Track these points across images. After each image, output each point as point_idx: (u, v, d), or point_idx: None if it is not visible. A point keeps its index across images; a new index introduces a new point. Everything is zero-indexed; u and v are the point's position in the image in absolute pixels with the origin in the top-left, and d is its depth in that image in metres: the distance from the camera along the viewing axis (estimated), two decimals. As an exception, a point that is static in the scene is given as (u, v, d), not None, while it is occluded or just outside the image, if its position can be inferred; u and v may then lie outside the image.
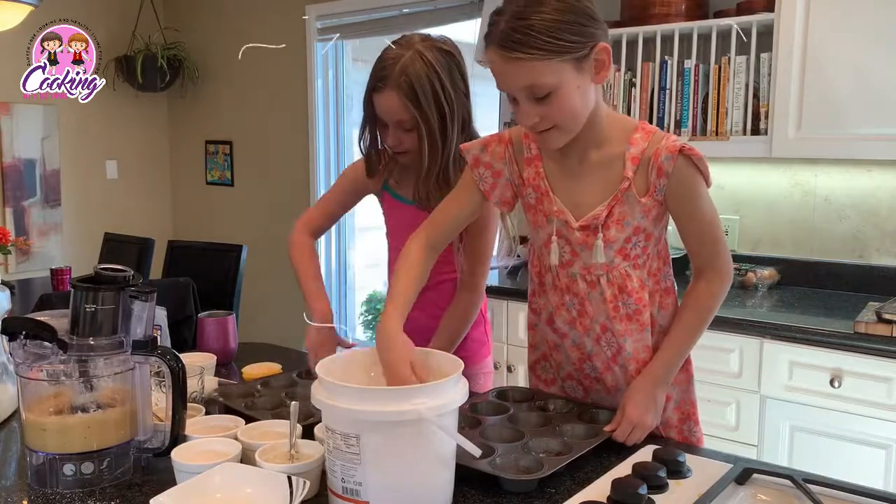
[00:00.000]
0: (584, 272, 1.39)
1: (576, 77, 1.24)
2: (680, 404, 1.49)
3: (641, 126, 1.36)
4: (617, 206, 1.34)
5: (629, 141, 1.33)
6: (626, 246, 1.36)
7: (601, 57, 1.25)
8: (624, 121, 1.40)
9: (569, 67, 1.22)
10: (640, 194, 1.33)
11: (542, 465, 1.18)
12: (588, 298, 1.40)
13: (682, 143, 1.32)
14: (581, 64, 1.24)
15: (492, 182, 1.45)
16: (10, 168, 4.55)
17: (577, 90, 1.25)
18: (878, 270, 2.63)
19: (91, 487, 1.17)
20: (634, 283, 1.38)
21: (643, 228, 1.36)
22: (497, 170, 1.44)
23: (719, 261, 1.40)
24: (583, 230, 1.37)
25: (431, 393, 1.05)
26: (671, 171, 1.30)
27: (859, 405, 2.13)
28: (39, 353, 1.18)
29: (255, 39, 4.66)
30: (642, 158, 1.32)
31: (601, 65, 1.26)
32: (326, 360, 1.18)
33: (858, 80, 2.34)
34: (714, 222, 1.38)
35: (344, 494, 1.06)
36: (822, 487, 1.10)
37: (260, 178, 4.80)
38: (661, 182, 1.31)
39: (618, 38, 2.82)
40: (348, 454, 1.04)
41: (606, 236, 1.35)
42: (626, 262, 1.37)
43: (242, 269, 3.72)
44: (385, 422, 1.02)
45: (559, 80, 1.22)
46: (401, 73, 1.52)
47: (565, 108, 1.26)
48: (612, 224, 1.35)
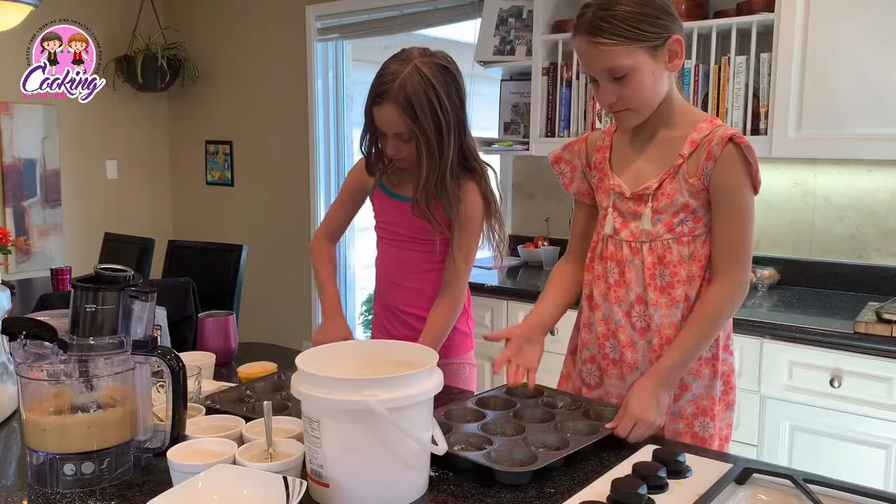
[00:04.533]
0: (630, 238, 1.50)
1: (650, 63, 1.39)
2: (698, 398, 1.50)
3: (711, 119, 1.47)
4: (668, 182, 1.45)
5: (695, 128, 1.45)
6: (674, 220, 1.46)
7: (674, 47, 1.41)
8: (696, 111, 1.52)
9: (644, 54, 1.39)
10: (690, 175, 1.43)
11: (536, 459, 1.19)
12: (629, 264, 1.49)
13: (736, 132, 1.41)
14: (655, 52, 1.40)
15: (570, 175, 1.63)
16: (10, 168, 4.55)
17: (651, 74, 1.40)
18: (878, 270, 2.63)
19: (91, 487, 1.17)
20: (674, 256, 1.46)
21: (692, 209, 1.44)
22: (574, 165, 1.62)
23: (738, 270, 1.44)
24: (634, 199, 1.49)
25: (384, 386, 1.07)
26: (719, 154, 1.39)
27: (859, 405, 2.13)
28: (39, 353, 1.17)
29: (255, 39, 4.68)
30: (700, 142, 1.43)
31: (674, 54, 1.42)
32: (312, 349, 1.23)
33: (858, 80, 2.35)
34: (747, 228, 1.44)
35: (311, 475, 1.13)
36: (822, 487, 1.10)
37: (260, 178, 4.80)
38: (708, 165, 1.41)
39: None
40: (312, 437, 1.11)
41: (655, 207, 1.46)
42: (670, 235, 1.46)
43: (242, 269, 3.72)
44: (339, 410, 1.07)
45: (635, 63, 1.38)
46: (399, 89, 1.61)
47: (639, 90, 1.41)
48: (662, 196, 1.46)
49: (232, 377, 1.75)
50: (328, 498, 1.11)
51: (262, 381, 1.61)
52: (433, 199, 1.70)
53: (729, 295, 1.43)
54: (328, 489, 1.10)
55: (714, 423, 1.50)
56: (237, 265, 3.69)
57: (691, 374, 1.48)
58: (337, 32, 4.27)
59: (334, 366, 1.21)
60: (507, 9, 3.20)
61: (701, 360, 1.49)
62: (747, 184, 1.42)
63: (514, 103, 3.34)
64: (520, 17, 3.16)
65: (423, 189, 1.69)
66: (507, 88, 3.36)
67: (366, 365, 1.25)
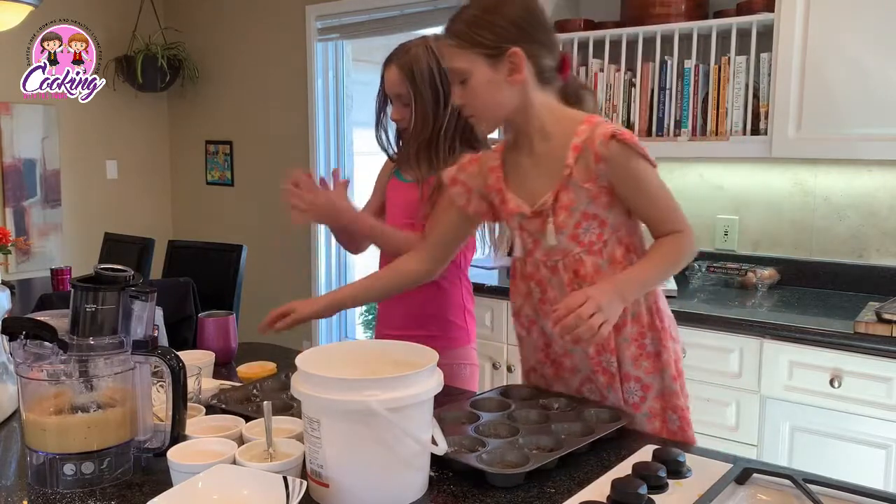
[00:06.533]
0: (544, 259, 1.49)
1: (488, 72, 1.40)
2: (661, 394, 1.51)
3: (588, 119, 1.43)
4: (563, 193, 1.43)
5: (575, 132, 1.42)
6: (578, 231, 1.44)
7: (515, 60, 1.39)
8: (572, 115, 1.47)
9: (481, 61, 1.39)
10: (583, 181, 1.41)
11: (528, 461, 1.19)
12: (549, 284, 1.50)
13: (616, 128, 1.39)
14: (494, 61, 1.39)
15: (466, 197, 1.59)
16: (10, 168, 4.55)
17: (487, 83, 1.40)
18: (878, 270, 2.63)
19: (91, 487, 1.17)
20: (588, 268, 1.45)
21: (594, 214, 1.43)
22: (469, 186, 1.58)
23: (680, 224, 1.44)
24: (536, 217, 1.47)
25: (384, 386, 1.07)
26: (607, 155, 1.38)
27: (859, 405, 2.13)
28: (39, 353, 1.18)
29: (255, 39, 4.68)
30: (583, 147, 1.40)
31: (515, 67, 1.39)
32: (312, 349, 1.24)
33: (858, 80, 2.35)
34: (665, 195, 1.44)
35: (312, 475, 1.13)
36: (822, 487, 1.10)
37: (260, 178, 4.80)
38: (600, 168, 1.39)
39: (618, 38, 2.82)
40: (312, 437, 1.11)
41: (556, 222, 1.45)
42: (580, 248, 1.45)
43: (242, 269, 3.72)
44: (339, 410, 1.07)
45: (471, 68, 1.40)
46: (405, 54, 1.81)
47: (476, 98, 1.43)
48: (561, 210, 1.44)
49: (232, 377, 1.75)
50: (328, 498, 1.11)
51: (268, 380, 1.62)
52: (424, 159, 1.81)
53: (682, 236, 1.43)
54: (328, 489, 1.10)
55: (679, 416, 1.51)
56: (237, 265, 3.70)
57: (648, 374, 1.49)
58: (337, 32, 4.27)
59: (334, 366, 1.20)
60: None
61: (648, 355, 1.49)
62: (643, 165, 1.40)
63: (514, 103, 3.33)
64: (520, 17, 3.16)
65: (413, 144, 1.82)
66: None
67: (366, 365, 1.25)
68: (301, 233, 4.53)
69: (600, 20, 2.95)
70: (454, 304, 1.92)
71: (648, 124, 2.79)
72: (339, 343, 1.37)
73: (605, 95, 2.86)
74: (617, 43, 2.83)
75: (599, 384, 1.51)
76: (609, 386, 1.50)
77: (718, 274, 2.78)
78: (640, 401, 1.50)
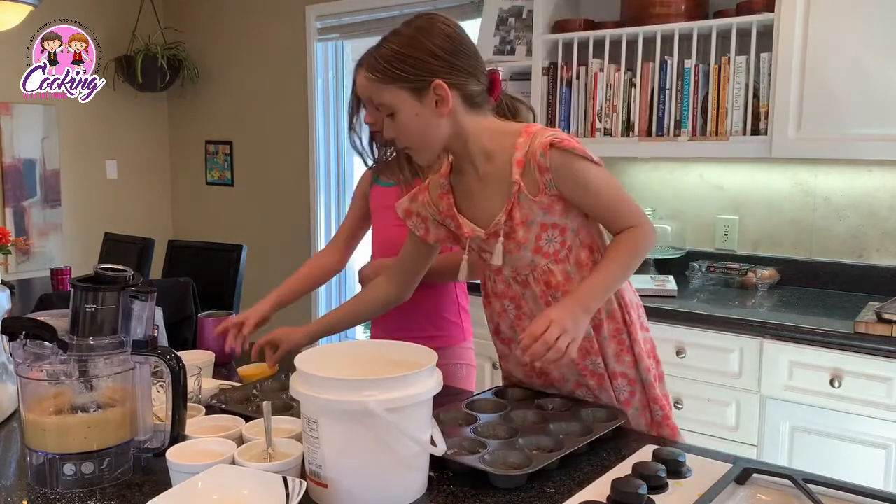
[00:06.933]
0: (513, 275, 1.48)
1: (414, 104, 1.38)
2: (642, 387, 1.51)
3: (525, 129, 1.42)
4: (515, 210, 1.41)
5: (515, 146, 1.40)
6: (540, 244, 1.43)
7: (440, 93, 1.37)
8: (509, 129, 1.45)
9: (405, 94, 1.38)
10: (533, 194, 1.39)
11: (530, 462, 1.19)
12: (523, 298, 1.49)
13: (554, 136, 1.37)
14: (419, 94, 1.37)
15: (424, 227, 1.57)
16: (10, 168, 4.55)
17: (415, 116, 1.39)
18: (878, 270, 2.63)
19: (91, 487, 1.17)
20: (558, 277, 1.44)
21: (553, 224, 1.42)
22: (423, 216, 1.57)
23: (635, 216, 1.43)
24: (493, 237, 1.45)
25: (382, 386, 1.07)
26: (549, 165, 1.37)
27: (859, 405, 2.13)
28: (39, 353, 1.18)
29: (255, 39, 4.67)
30: (525, 160, 1.39)
31: (441, 99, 1.38)
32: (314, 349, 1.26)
33: (858, 80, 2.35)
34: (614, 189, 1.42)
35: (310, 475, 1.13)
36: (822, 487, 1.10)
37: (260, 178, 4.80)
38: (546, 178, 1.38)
39: (618, 38, 2.82)
40: (311, 437, 1.11)
41: (516, 238, 1.43)
42: (546, 260, 1.44)
43: (242, 269, 3.72)
44: (337, 410, 1.07)
45: (396, 102, 1.39)
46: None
47: (406, 130, 1.41)
48: (518, 226, 1.42)
49: (232, 377, 1.75)
50: (326, 498, 1.11)
51: (269, 380, 1.62)
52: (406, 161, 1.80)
53: (640, 230, 1.41)
54: (326, 489, 1.10)
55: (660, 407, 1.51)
56: (237, 265, 3.69)
57: (631, 368, 1.49)
58: (337, 32, 4.27)
59: (333, 366, 1.20)
60: (507, 9, 3.20)
61: (628, 349, 1.49)
62: (587, 166, 1.38)
63: (514, 103, 3.34)
64: (520, 17, 3.16)
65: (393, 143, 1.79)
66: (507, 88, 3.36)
67: (365, 365, 1.25)
68: (301, 233, 4.53)
69: (600, 20, 2.96)
70: (449, 302, 1.92)
71: (648, 124, 2.79)
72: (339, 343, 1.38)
73: (605, 95, 2.86)
74: (617, 43, 2.83)
75: (591, 387, 1.51)
76: (600, 387, 1.50)
77: (718, 274, 2.78)
78: (629, 396, 1.50)
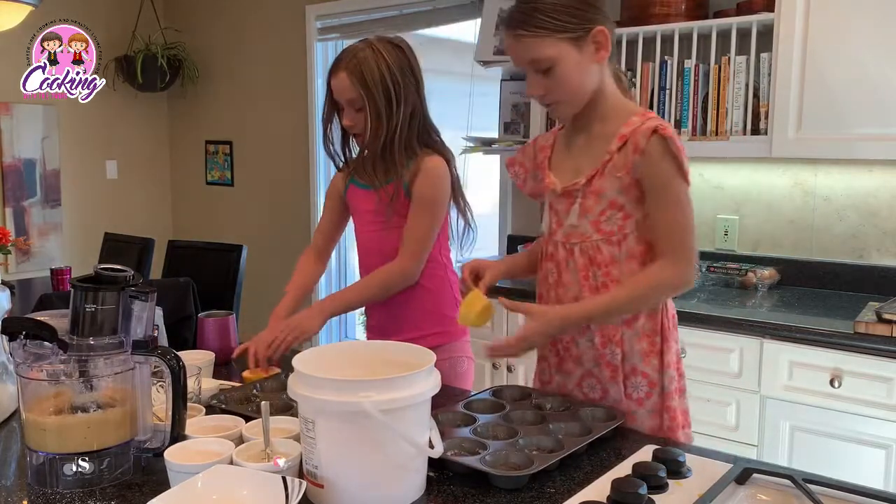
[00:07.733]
0: (564, 240, 1.51)
1: (574, 55, 1.40)
2: (662, 393, 1.50)
3: (643, 112, 1.46)
4: (597, 178, 1.45)
5: (626, 122, 1.44)
6: (601, 219, 1.45)
7: (599, 39, 1.41)
8: (630, 106, 1.50)
9: (567, 45, 1.39)
10: (618, 170, 1.42)
11: (532, 462, 1.19)
12: (566, 267, 1.51)
13: (660, 123, 1.40)
14: (579, 43, 1.40)
15: (523, 177, 1.64)
16: (10, 168, 4.55)
17: (576, 66, 1.41)
18: (878, 270, 2.63)
19: (91, 487, 1.17)
20: (605, 256, 1.46)
21: (620, 205, 1.44)
22: (525, 167, 1.63)
23: (683, 249, 1.42)
24: (565, 196, 1.49)
25: (379, 387, 1.07)
26: (644, 148, 1.39)
27: (859, 405, 2.13)
28: (39, 353, 1.18)
29: (255, 39, 4.67)
30: (628, 136, 1.42)
31: (600, 46, 1.41)
32: (313, 350, 1.25)
33: (858, 80, 2.34)
34: (682, 216, 1.42)
35: (307, 475, 1.13)
36: (822, 487, 1.10)
37: (260, 178, 4.80)
38: (636, 159, 1.40)
39: (618, 39, 2.82)
40: (308, 437, 1.11)
41: (584, 205, 1.46)
42: (599, 236, 1.46)
43: (242, 269, 3.72)
44: (333, 411, 1.07)
45: (558, 55, 1.39)
46: (351, 58, 1.76)
47: (565, 82, 1.42)
48: (590, 194, 1.46)
49: (232, 377, 1.75)
50: (322, 499, 1.11)
51: (269, 380, 1.62)
52: (380, 166, 1.80)
53: (672, 271, 1.41)
54: (323, 490, 1.10)
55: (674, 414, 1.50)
56: (237, 265, 3.69)
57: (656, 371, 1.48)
58: (337, 32, 4.27)
59: (331, 367, 1.20)
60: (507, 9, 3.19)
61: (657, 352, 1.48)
62: (676, 175, 1.40)
63: (515, 103, 3.34)
64: (520, 17, 3.16)
65: (370, 154, 1.81)
66: (507, 88, 3.36)
67: (364, 366, 1.25)
68: (301, 233, 4.52)
69: (600, 20, 2.95)
70: (446, 298, 1.91)
71: (648, 124, 2.78)
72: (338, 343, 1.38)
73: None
74: (617, 43, 2.83)
75: (602, 378, 1.50)
76: (612, 380, 1.49)
77: (718, 274, 2.78)
78: (645, 396, 1.49)
